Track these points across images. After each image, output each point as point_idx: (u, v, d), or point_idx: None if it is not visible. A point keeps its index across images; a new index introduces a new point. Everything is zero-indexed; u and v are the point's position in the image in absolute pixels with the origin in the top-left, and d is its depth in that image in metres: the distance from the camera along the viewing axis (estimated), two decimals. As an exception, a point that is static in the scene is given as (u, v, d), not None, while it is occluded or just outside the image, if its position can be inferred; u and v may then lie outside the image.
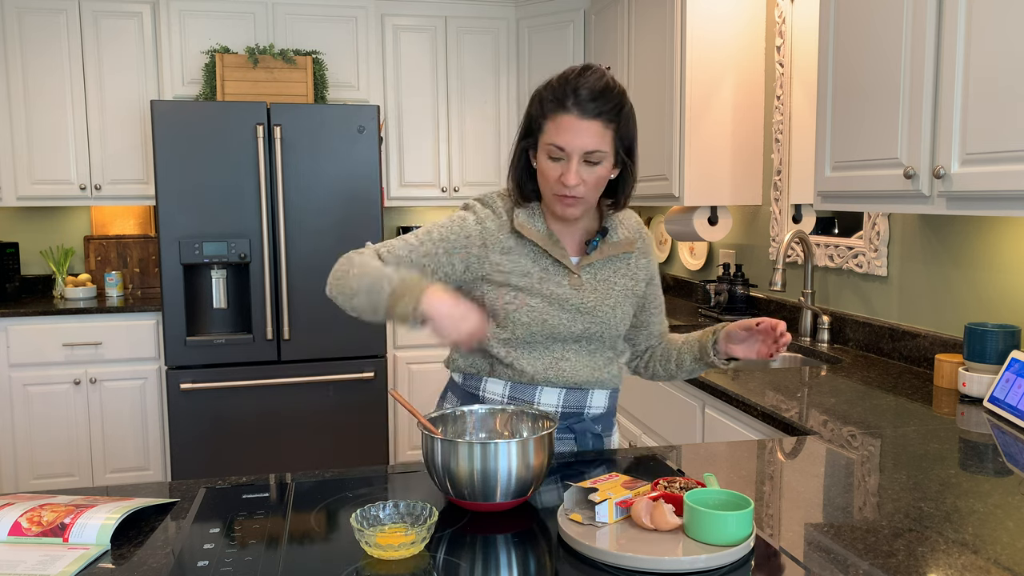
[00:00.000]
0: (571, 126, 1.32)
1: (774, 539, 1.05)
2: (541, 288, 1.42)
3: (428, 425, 1.22)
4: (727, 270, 3.08)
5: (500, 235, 1.44)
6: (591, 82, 1.33)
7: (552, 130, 1.34)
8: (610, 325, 1.46)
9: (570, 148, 1.33)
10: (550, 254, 1.43)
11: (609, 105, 1.33)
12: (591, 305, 1.44)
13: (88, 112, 3.70)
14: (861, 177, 1.90)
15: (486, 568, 0.98)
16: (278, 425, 3.47)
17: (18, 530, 1.07)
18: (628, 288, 1.49)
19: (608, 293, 1.46)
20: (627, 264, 1.50)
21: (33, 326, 3.46)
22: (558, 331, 1.43)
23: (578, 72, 1.34)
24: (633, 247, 1.49)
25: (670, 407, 2.32)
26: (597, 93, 1.32)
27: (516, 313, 1.43)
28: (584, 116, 1.31)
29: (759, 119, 2.99)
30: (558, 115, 1.33)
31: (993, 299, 1.97)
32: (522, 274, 1.43)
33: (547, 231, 1.44)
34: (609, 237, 1.47)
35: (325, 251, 3.45)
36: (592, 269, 1.46)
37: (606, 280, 1.46)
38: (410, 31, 4.00)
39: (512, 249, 1.43)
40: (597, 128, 1.32)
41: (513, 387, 1.47)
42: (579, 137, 1.32)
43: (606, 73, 1.36)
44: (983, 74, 1.54)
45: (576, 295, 1.43)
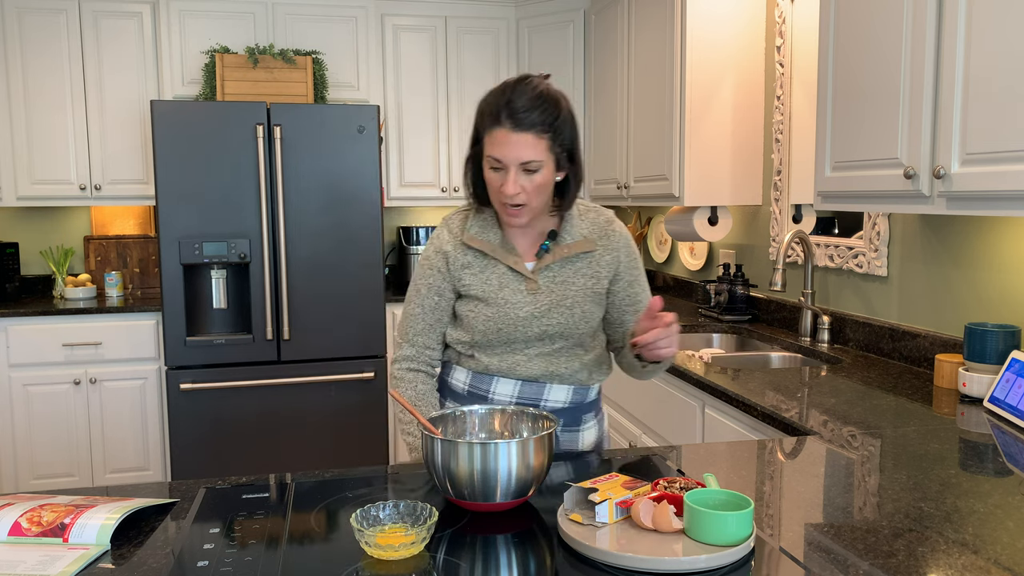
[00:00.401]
0: (505, 139, 1.38)
1: (774, 539, 1.05)
2: (498, 296, 1.49)
3: (428, 425, 1.22)
4: (727, 270, 3.08)
5: (457, 254, 1.53)
6: (524, 95, 1.38)
7: (489, 143, 1.40)
8: (568, 326, 1.50)
9: (506, 160, 1.39)
10: (504, 262, 1.50)
11: (542, 116, 1.38)
12: (546, 308, 1.49)
13: (88, 112, 3.70)
14: (861, 177, 1.90)
15: (486, 568, 0.98)
16: (278, 425, 3.47)
17: (18, 530, 1.07)
18: (588, 287, 1.52)
19: (566, 294, 1.50)
20: (588, 263, 1.53)
21: (33, 326, 3.46)
22: (514, 336, 1.51)
23: (512, 85, 1.40)
24: (593, 246, 1.52)
25: (670, 407, 2.32)
26: (529, 105, 1.37)
27: (474, 321, 1.51)
28: (517, 128, 1.37)
29: (759, 119, 2.99)
30: (494, 129, 1.39)
31: (993, 299, 1.97)
32: (482, 283, 1.51)
33: (501, 239, 1.52)
34: (561, 239, 1.51)
35: (325, 251, 3.45)
36: (550, 271, 1.51)
37: (564, 281, 1.51)
38: (410, 31, 4.00)
39: (471, 263, 1.52)
40: (530, 139, 1.38)
41: (474, 376, 1.57)
42: (513, 149, 1.38)
43: (541, 83, 1.41)
44: (983, 74, 1.54)
45: (533, 300, 1.49)
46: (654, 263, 4.05)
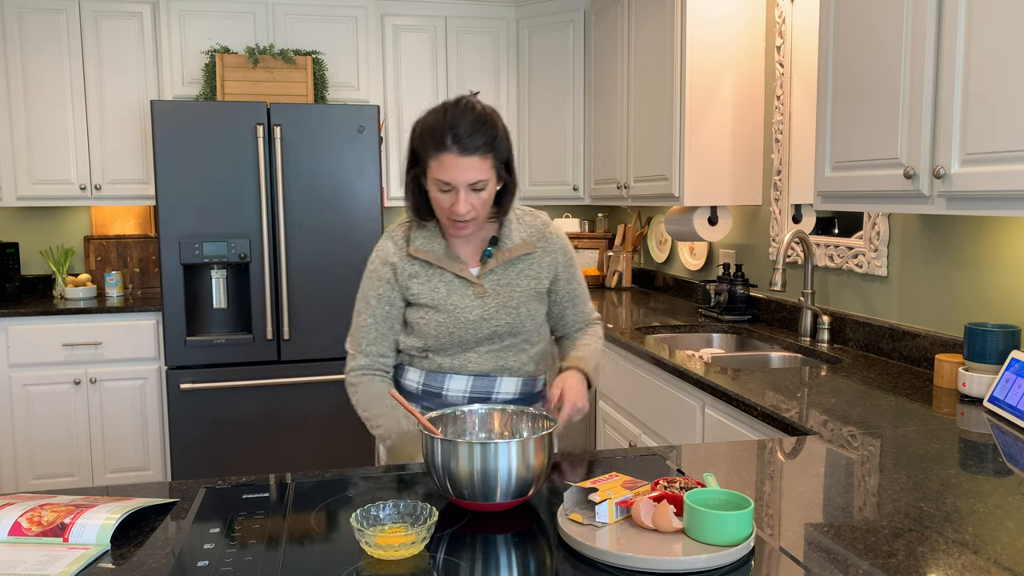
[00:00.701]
0: (453, 164, 1.44)
1: (774, 539, 1.05)
2: (447, 303, 1.57)
3: (428, 425, 1.22)
4: (727, 270, 3.08)
5: (404, 265, 1.59)
6: (466, 117, 1.44)
7: (436, 167, 1.45)
8: (515, 324, 1.59)
9: (456, 183, 1.45)
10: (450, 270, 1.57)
11: (485, 138, 1.44)
12: (493, 310, 1.57)
13: (88, 112, 3.70)
14: (861, 177, 1.90)
15: (486, 568, 0.98)
16: (278, 425, 3.47)
17: (18, 530, 1.07)
18: (531, 287, 1.61)
19: (511, 296, 1.59)
20: (529, 264, 1.62)
21: (33, 326, 3.46)
22: (465, 338, 1.58)
23: (452, 107, 1.45)
24: (532, 248, 1.61)
25: (670, 407, 2.32)
26: (472, 128, 1.43)
27: (426, 327, 1.58)
28: (464, 153, 1.43)
29: (759, 119, 2.99)
30: (440, 154, 1.44)
31: (993, 299, 1.97)
32: (430, 291, 1.57)
33: (446, 249, 1.59)
34: (502, 244, 1.59)
35: (325, 251, 3.45)
36: (495, 275, 1.59)
37: (509, 283, 1.59)
38: (410, 31, 4.00)
39: (418, 273, 1.58)
40: (476, 161, 1.44)
41: (427, 375, 1.63)
42: (462, 172, 1.44)
43: (477, 104, 1.47)
44: (983, 74, 1.54)
45: (481, 303, 1.57)
46: (654, 263, 4.05)
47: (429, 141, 1.46)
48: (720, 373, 2.09)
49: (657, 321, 2.98)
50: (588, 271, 4.22)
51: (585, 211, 4.71)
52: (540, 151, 4.13)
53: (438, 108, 1.47)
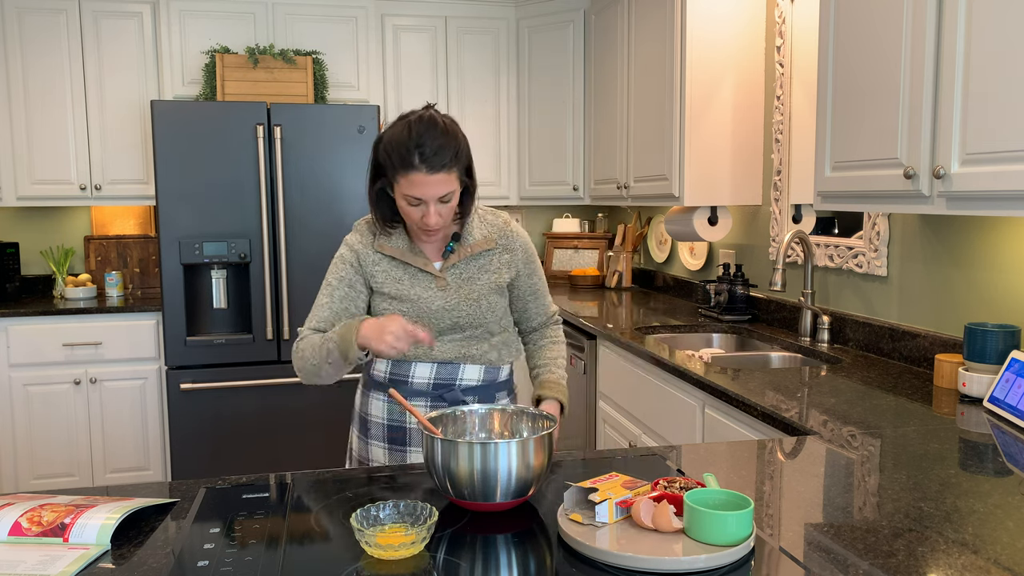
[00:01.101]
0: (422, 181, 1.49)
1: (774, 539, 1.05)
2: (411, 293, 1.63)
3: (428, 425, 1.22)
4: (727, 270, 3.08)
5: (369, 253, 1.65)
6: (431, 135, 1.48)
7: (406, 184, 1.51)
8: (475, 315, 1.65)
9: (426, 198, 1.51)
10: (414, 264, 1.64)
11: (450, 155, 1.50)
12: (455, 302, 1.64)
13: (88, 112, 3.70)
14: (861, 177, 1.90)
15: (486, 568, 0.98)
16: (278, 425, 3.47)
17: (18, 530, 1.07)
18: (491, 282, 1.68)
19: (472, 289, 1.65)
20: (490, 260, 1.69)
21: (33, 326, 3.46)
22: (429, 327, 1.65)
23: (416, 126, 1.49)
24: (492, 244, 1.68)
25: (670, 407, 2.32)
26: (438, 146, 1.48)
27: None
28: (432, 171, 1.48)
29: (759, 119, 2.99)
30: (409, 173, 1.49)
31: (993, 299, 1.97)
32: (395, 282, 1.64)
33: (409, 245, 1.66)
34: (464, 240, 1.66)
35: (325, 251, 3.45)
36: (457, 270, 1.66)
37: (470, 278, 1.66)
38: (410, 31, 4.00)
39: (383, 265, 1.65)
40: (444, 177, 1.50)
41: (393, 364, 1.69)
42: (431, 188, 1.50)
43: (439, 119, 1.51)
44: (983, 74, 1.54)
45: (442, 295, 1.64)
46: (654, 263, 4.05)
47: (397, 160, 1.50)
48: (720, 373, 2.09)
49: (657, 321, 2.98)
50: (588, 271, 4.22)
51: (585, 211, 4.71)
52: (540, 151, 4.13)
53: (401, 125, 1.52)
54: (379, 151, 1.56)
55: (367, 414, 1.74)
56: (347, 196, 3.45)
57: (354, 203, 3.46)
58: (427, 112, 1.53)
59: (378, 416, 1.72)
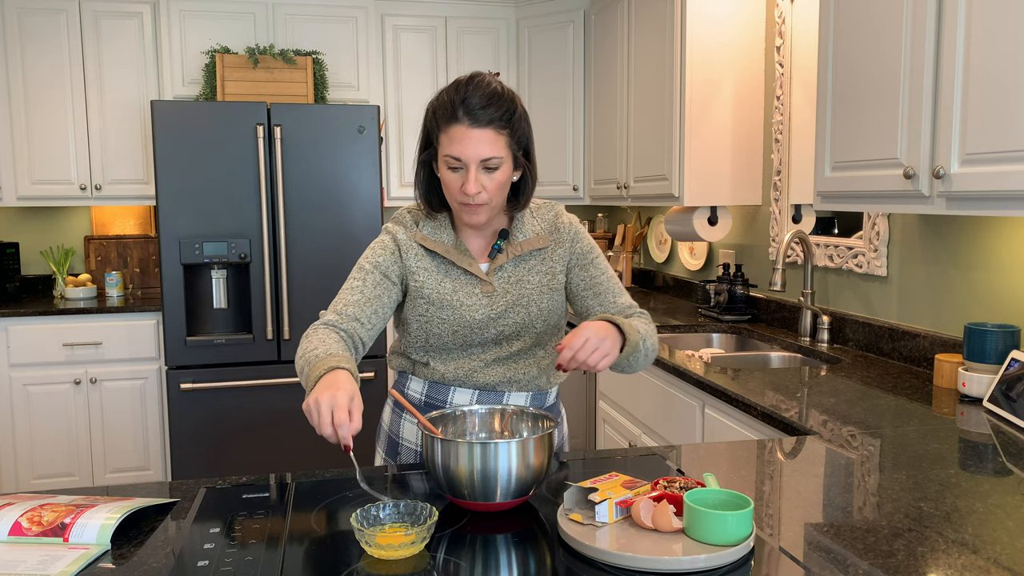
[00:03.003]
0: (464, 136, 1.35)
1: (774, 539, 1.05)
2: (453, 300, 1.46)
3: (428, 425, 1.22)
4: (727, 270, 3.08)
5: (412, 246, 1.48)
6: (479, 90, 1.35)
7: (446, 142, 1.36)
8: (525, 324, 1.49)
9: (466, 158, 1.35)
10: (459, 265, 1.46)
11: (500, 111, 1.36)
12: (502, 309, 1.47)
13: (88, 112, 3.70)
14: (861, 177, 1.90)
15: (486, 568, 0.98)
16: (278, 425, 3.47)
17: (18, 530, 1.07)
18: (544, 284, 1.50)
19: (521, 293, 1.48)
20: (541, 260, 1.51)
21: (33, 326, 3.46)
22: (471, 339, 1.48)
23: (466, 82, 1.37)
24: (545, 242, 1.50)
25: (670, 407, 2.32)
26: (486, 101, 1.35)
27: (428, 324, 1.48)
28: (475, 125, 1.34)
29: (759, 119, 2.99)
30: (450, 126, 1.35)
31: (993, 299, 1.97)
32: (436, 284, 1.47)
33: (455, 240, 1.48)
34: (513, 238, 1.49)
35: (325, 251, 3.45)
36: (504, 272, 1.48)
37: (520, 280, 1.49)
38: (410, 31, 4.00)
39: (424, 262, 1.48)
40: (490, 135, 1.35)
41: (431, 386, 1.54)
42: (473, 146, 1.34)
43: (494, 80, 1.39)
44: (983, 74, 1.54)
45: (488, 302, 1.47)
46: (654, 263, 4.05)
47: (440, 115, 1.37)
48: (720, 373, 2.09)
49: (657, 321, 2.98)
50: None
51: (585, 211, 4.71)
52: (540, 151, 4.13)
53: (451, 84, 1.39)
54: (427, 115, 1.41)
55: (398, 436, 1.59)
56: (347, 196, 3.45)
57: (354, 203, 3.46)
58: (482, 73, 1.40)
59: (410, 441, 1.57)
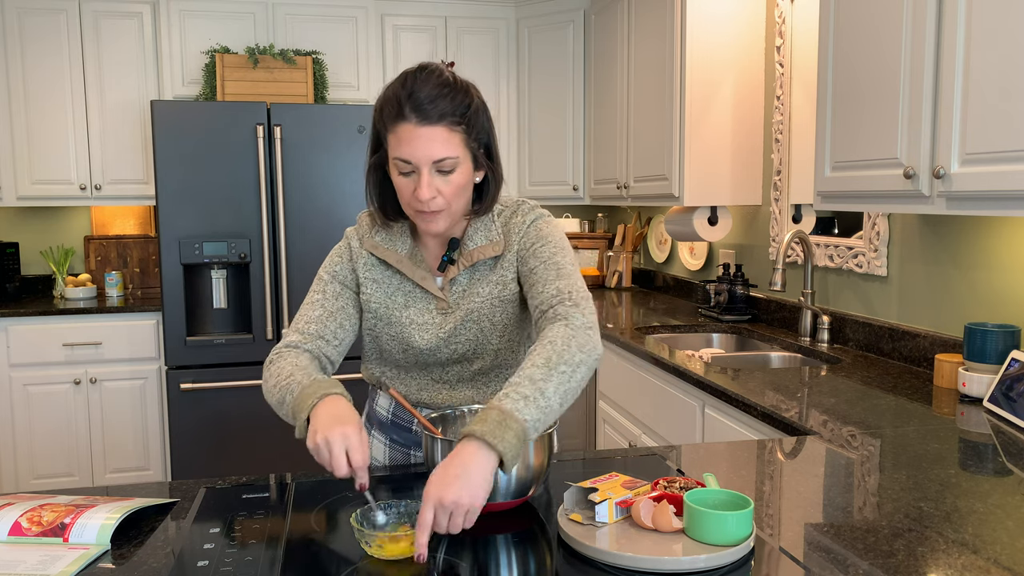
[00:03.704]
0: (412, 135, 1.19)
1: (774, 539, 1.05)
2: (403, 317, 1.34)
3: (428, 425, 1.21)
4: (727, 270, 3.08)
5: (363, 252, 1.36)
6: (428, 82, 1.20)
7: (395, 143, 1.21)
8: (478, 342, 1.35)
9: (416, 160, 1.20)
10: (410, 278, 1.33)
11: (453, 105, 1.20)
12: (451, 328, 1.33)
13: (88, 112, 3.70)
14: (861, 177, 1.90)
15: (486, 568, 0.98)
16: (278, 425, 3.47)
17: (18, 530, 1.07)
18: (494, 296, 1.34)
19: (471, 308, 1.33)
20: (492, 268, 1.35)
21: (33, 326, 3.46)
22: (424, 358, 1.36)
23: (414, 73, 1.22)
24: (499, 248, 1.33)
25: (670, 407, 2.32)
26: (436, 93, 1.19)
27: (377, 340, 1.38)
28: (425, 122, 1.18)
29: (759, 119, 2.99)
30: (397, 125, 1.20)
31: (993, 299, 1.97)
32: (385, 297, 1.35)
33: (410, 250, 1.35)
34: (464, 247, 1.33)
35: (325, 251, 3.45)
36: (459, 285, 1.34)
37: (473, 294, 1.34)
38: (410, 31, 4.00)
39: (374, 272, 1.36)
40: (442, 133, 1.19)
41: (396, 405, 1.45)
42: (423, 146, 1.19)
43: (445, 71, 1.24)
44: (983, 74, 1.54)
45: (441, 320, 1.33)
46: (654, 263, 4.05)
47: (387, 113, 1.21)
48: (720, 373, 2.09)
49: (657, 321, 2.98)
50: (588, 271, 4.22)
51: (585, 211, 4.71)
52: (540, 151, 4.13)
53: (397, 77, 1.23)
54: (374, 112, 1.26)
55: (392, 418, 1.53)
56: (347, 196, 3.45)
57: (354, 203, 3.46)
58: (432, 63, 1.23)
59: (379, 460, 1.51)
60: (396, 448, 1.50)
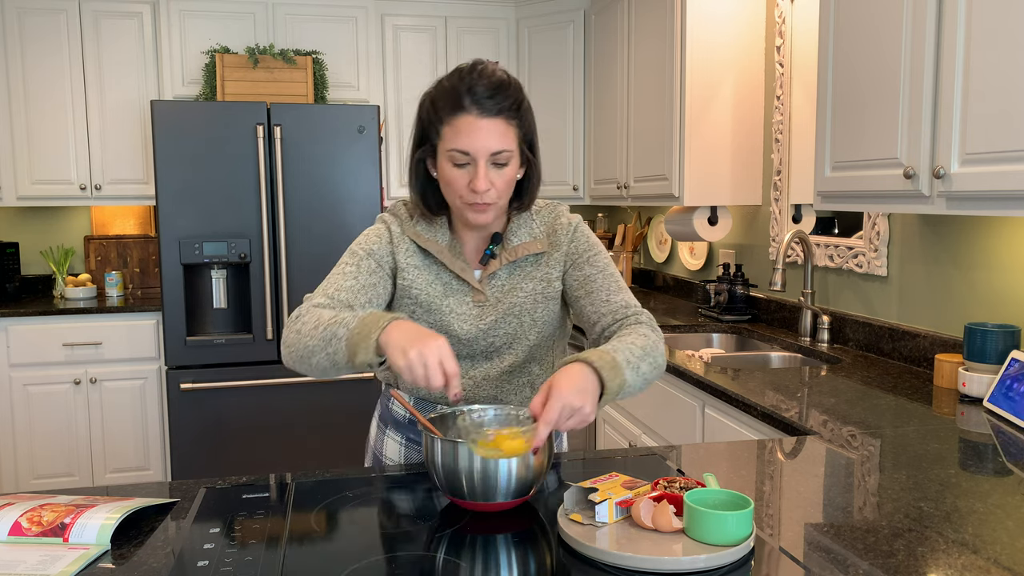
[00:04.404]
0: (472, 127, 1.23)
1: (774, 539, 1.05)
2: (442, 305, 1.35)
3: (428, 425, 1.21)
4: (727, 270, 3.08)
5: (404, 241, 1.37)
6: (485, 78, 1.24)
7: (451, 135, 1.24)
8: (516, 335, 1.37)
9: (474, 151, 1.24)
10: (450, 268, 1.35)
11: (509, 101, 1.25)
12: (492, 321, 1.35)
13: (88, 112, 3.70)
14: (861, 177, 1.90)
15: (486, 568, 0.98)
16: (278, 425, 3.47)
17: (18, 530, 1.07)
18: (537, 292, 1.37)
19: (514, 303, 1.36)
20: (537, 266, 1.38)
21: (33, 326, 3.46)
22: (458, 350, 1.37)
23: (470, 69, 1.26)
24: (543, 246, 1.37)
25: (670, 407, 2.32)
26: (494, 89, 1.24)
27: None
28: (485, 114, 1.23)
29: (759, 119, 2.99)
30: (456, 117, 1.24)
31: (993, 299, 1.97)
32: (426, 285, 1.35)
33: (450, 241, 1.37)
34: (507, 242, 1.37)
35: (325, 251, 3.45)
36: (498, 280, 1.37)
37: (512, 288, 1.36)
38: (410, 31, 4.00)
39: (416, 260, 1.37)
40: (500, 126, 1.24)
41: (416, 402, 1.44)
42: (483, 138, 1.23)
43: (498, 68, 1.29)
44: (983, 74, 1.54)
45: (479, 313, 1.35)
46: (654, 263, 4.05)
47: (443, 106, 1.25)
48: (720, 373, 2.09)
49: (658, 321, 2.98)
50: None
51: (585, 211, 4.71)
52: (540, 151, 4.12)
53: (451, 73, 1.27)
54: (422, 107, 1.29)
55: (382, 454, 1.53)
56: (347, 196, 3.45)
57: (354, 203, 3.46)
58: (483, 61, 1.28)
59: (392, 460, 1.50)
60: (412, 447, 1.50)
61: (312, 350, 1.21)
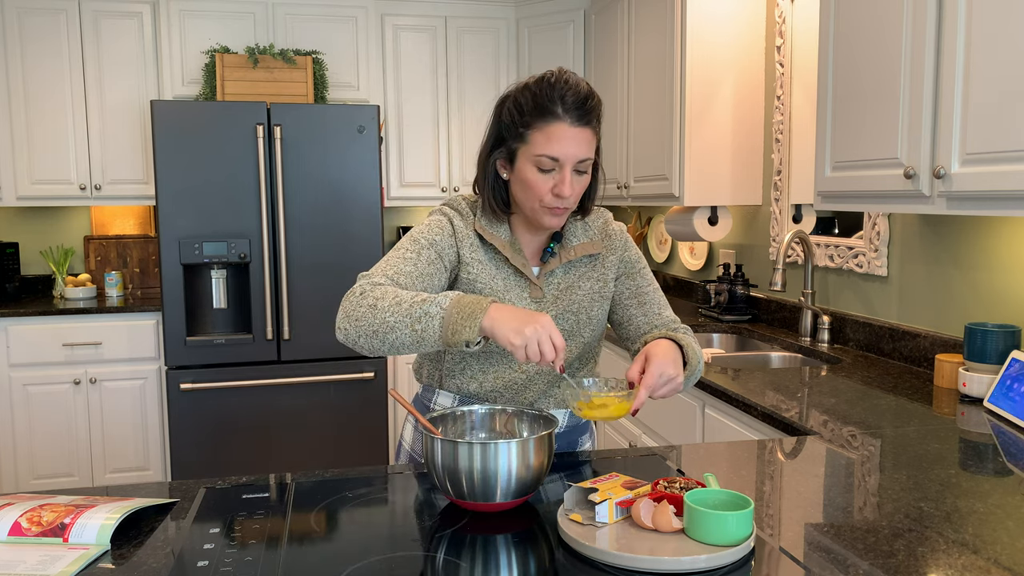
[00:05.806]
0: (565, 134, 1.28)
1: (774, 539, 1.05)
2: (504, 299, 1.38)
3: (428, 425, 1.21)
4: (727, 270, 3.08)
5: (468, 234, 1.40)
6: (575, 88, 1.29)
7: (542, 140, 1.29)
8: (573, 333, 1.43)
9: (564, 157, 1.29)
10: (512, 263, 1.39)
11: (595, 112, 1.31)
12: (551, 316, 1.40)
13: (88, 112, 3.70)
14: (861, 177, 1.90)
15: (486, 568, 0.98)
16: (278, 425, 3.47)
17: (18, 530, 1.07)
18: (595, 291, 1.44)
19: (572, 300, 1.42)
20: (593, 266, 1.45)
21: (33, 326, 3.46)
22: None
23: (558, 78, 1.31)
24: (598, 248, 1.44)
25: (670, 407, 2.32)
26: (583, 99, 1.29)
27: None
28: (577, 123, 1.29)
29: (759, 119, 2.99)
30: (549, 124, 1.28)
31: (993, 299, 1.97)
32: (489, 278, 1.39)
33: (511, 238, 1.41)
34: (566, 242, 1.43)
35: (325, 251, 3.45)
36: (554, 277, 1.42)
37: (570, 287, 1.42)
38: (410, 31, 4.00)
39: (479, 253, 1.40)
40: (587, 135, 1.30)
41: (461, 402, 1.45)
42: (573, 146, 1.28)
43: (581, 78, 1.34)
44: (983, 74, 1.54)
45: (536, 308, 1.40)
46: (654, 263, 4.05)
47: (534, 111, 1.29)
48: (720, 373, 2.09)
49: (657, 321, 2.98)
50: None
51: (585, 211, 4.70)
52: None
53: (537, 79, 1.31)
54: (503, 110, 1.33)
55: (402, 438, 1.55)
56: (347, 196, 3.45)
57: (354, 203, 3.46)
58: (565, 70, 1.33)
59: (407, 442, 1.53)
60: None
61: (392, 326, 1.21)
